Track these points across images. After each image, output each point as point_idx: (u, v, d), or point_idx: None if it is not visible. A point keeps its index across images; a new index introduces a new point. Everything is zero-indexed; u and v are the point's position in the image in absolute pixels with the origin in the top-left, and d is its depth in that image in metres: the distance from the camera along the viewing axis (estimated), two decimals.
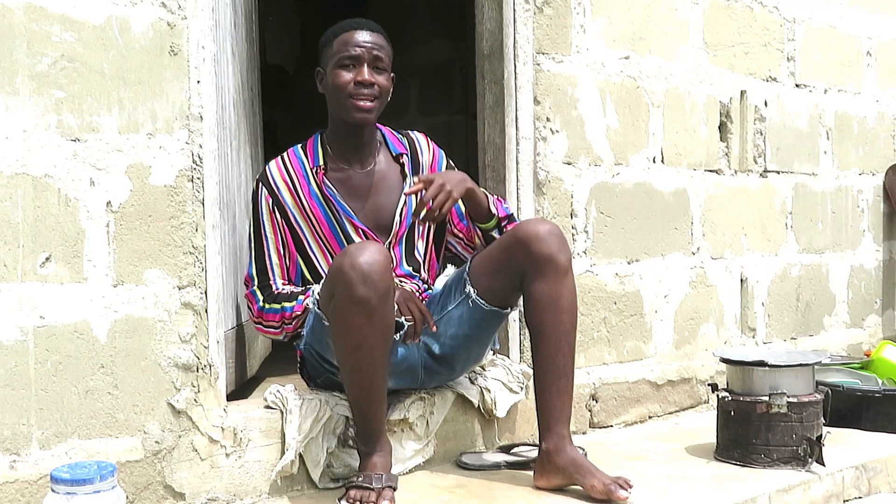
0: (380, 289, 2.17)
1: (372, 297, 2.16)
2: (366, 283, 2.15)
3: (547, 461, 2.40)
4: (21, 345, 2.05)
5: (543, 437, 2.42)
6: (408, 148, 2.67)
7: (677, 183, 3.50)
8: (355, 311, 2.17)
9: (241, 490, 2.35)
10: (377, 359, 2.25)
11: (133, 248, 2.20)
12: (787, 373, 2.67)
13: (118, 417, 2.18)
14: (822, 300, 4.16)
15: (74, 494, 1.79)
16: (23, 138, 2.05)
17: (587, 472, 2.33)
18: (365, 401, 2.31)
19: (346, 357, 2.26)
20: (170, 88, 2.26)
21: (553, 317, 2.40)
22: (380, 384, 2.30)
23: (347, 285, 2.15)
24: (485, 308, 2.50)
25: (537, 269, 2.39)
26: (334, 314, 2.23)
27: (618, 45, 3.30)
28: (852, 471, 2.69)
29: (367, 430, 2.34)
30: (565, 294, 2.41)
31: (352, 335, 2.20)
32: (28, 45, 2.06)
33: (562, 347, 2.42)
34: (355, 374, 2.28)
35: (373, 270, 2.16)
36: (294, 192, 2.56)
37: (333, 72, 2.51)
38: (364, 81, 2.47)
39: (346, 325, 2.20)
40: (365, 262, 2.16)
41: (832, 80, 4.17)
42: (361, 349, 2.22)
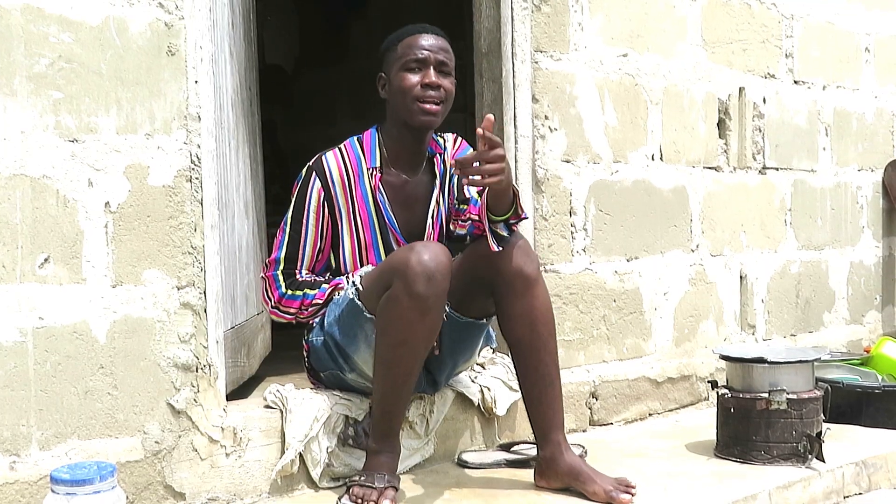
0: (439, 289, 2.19)
1: (431, 295, 2.17)
2: (429, 282, 2.16)
3: (546, 468, 2.42)
4: (20, 346, 2.05)
5: (540, 446, 2.43)
6: (443, 147, 2.66)
7: (676, 180, 3.50)
8: (411, 307, 2.18)
9: (242, 490, 2.35)
10: (418, 358, 2.27)
11: (132, 249, 2.20)
12: (786, 369, 2.67)
13: (118, 418, 2.18)
14: (822, 297, 4.16)
15: (74, 495, 1.79)
16: (21, 139, 2.05)
17: (587, 478, 2.34)
18: (392, 398, 2.31)
19: (387, 351, 2.26)
20: (167, 89, 2.26)
21: (529, 330, 2.39)
22: (410, 384, 2.31)
23: (410, 280, 2.16)
24: (461, 321, 2.49)
25: (504, 285, 2.38)
26: (387, 306, 2.22)
27: (616, 43, 3.30)
28: (852, 467, 2.69)
29: (383, 429, 2.33)
30: (538, 305, 2.39)
31: (400, 330, 2.21)
32: (26, 46, 2.06)
33: (543, 358, 2.41)
34: (392, 370, 2.27)
35: (438, 270, 2.17)
36: (348, 189, 2.54)
37: (399, 75, 2.48)
38: (431, 83, 2.46)
39: (398, 319, 2.20)
40: (431, 260, 2.17)
41: (831, 77, 4.17)
42: (407, 345, 2.23)
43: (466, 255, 2.48)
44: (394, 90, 2.51)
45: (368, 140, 2.59)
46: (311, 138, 6.21)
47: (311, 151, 2.76)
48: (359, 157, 2.56)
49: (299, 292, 2.50)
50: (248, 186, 2.95)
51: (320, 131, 6.20)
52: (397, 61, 2.50)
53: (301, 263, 2.54)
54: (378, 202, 2.54)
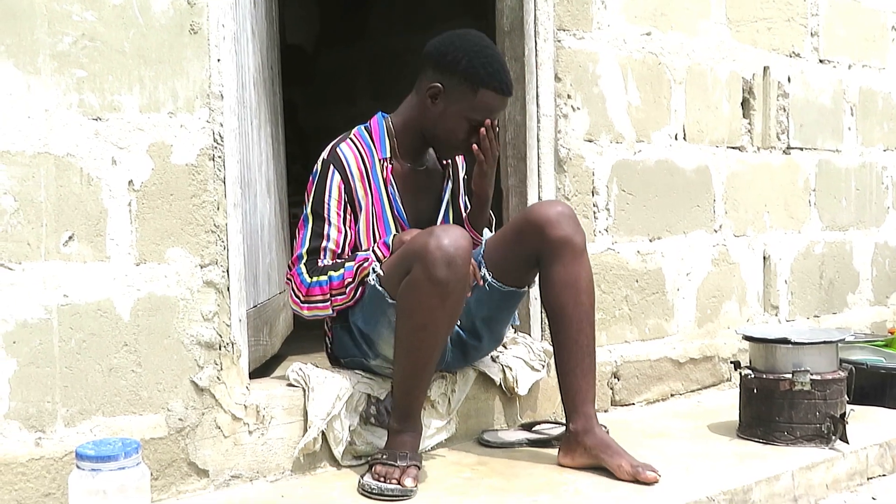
0: (460, 273, 2.19)
1: (451, 279, 2.17)
2: (449, 266, 2.16)
3: (574, 441, 2.41)
4: (45, 323, 2.06)
5: (570, 419, 2.42)
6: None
7: (699, 160, 3.48)
8: (432, 292, 2.18)
9: (264, 467, 2.37)
10: (439, 342, 2.28)
11: (155, 227, 2.21)
12: (810, 350, 2.65)
13: (142, 395, 2.19)
14: (846, 278, 4.13)
15: (99, 471, 1.80)
16: (45, 118, 2.05)
17: (615, 453, 2.34)
18: (413, 380, 2.32)
19: (408, 335, 2.27)
20: (190, 67, 2.26)
21: (573, 298, 2.40)
22: (432, 367, 2.33)
23: (430, 264, 2.16)
24: (502, 290, 2.50)
25: (553, 253, 2.39)
26: (408, 291, 2.23)
27: (639, 22, 3.27)
28: (876, 448, 2.68)
29: (405, 409, 2.34)
30: (583, 275, 2.42)
31: (421, 314, 2.21)
32: (49, 25, 2.06)
33: (583, 328, 2.42)
34: (413, 353, 2.29)
35: (458, 255, 2.18)
36: (366, 181, 2.50)
37: (459, 119, 2.45)
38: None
39: (418, 304, 2.21)
40: (451, 244, 2.17)
41: (856, 56, 4.12)
42: (427, 329, 2.23)
43: (514, 223, 2.49)
44: (444, 120, 2.47)
45: (377, 129, 2.55)
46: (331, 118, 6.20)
47: (331, 131, 2.76)
48: (370, 148, 2.53)
49: (323, 277, 2.42)
50: (271, 166, 2.95)
51: (340, 111, 6.19)
52: (467, 102, 2.43)
53: (325, 256, 2.46)
54: (390, 195, 2.53)
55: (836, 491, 2.54)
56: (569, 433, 2.43)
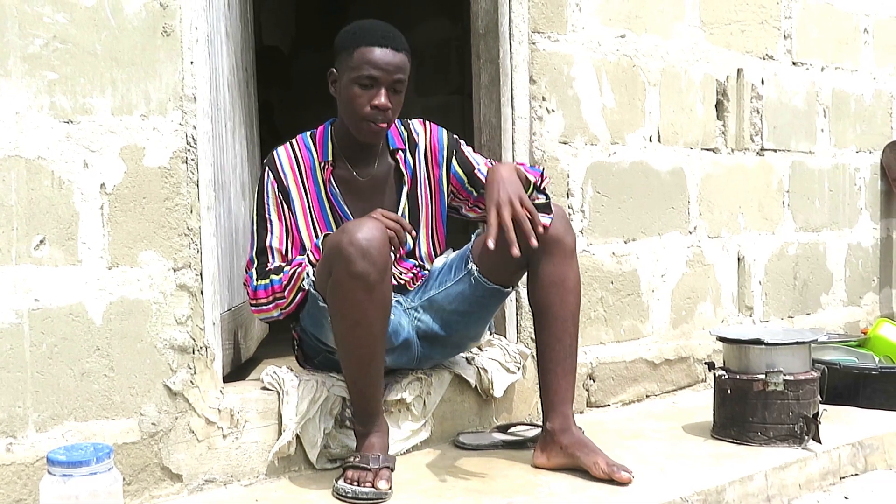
0: (379, 264, 2.17)
1: (371, 271, 2.16)
2: (365, 258, 2.15)
3: (550, 440, 2.42)
4: (16, 327, 2.05)
5: (548, 417, 2.43)
6: (406, 141, 2.61)
7: (674, 162, 3.49)
8: (355, 287, 2.17)
9: (239, 471, 2.36)
10: (376, 335, 2.26)
11: (127, 230, 2.19)
12: (783, 351, 2.67)
13: (114, 399, 2.18)
14: (820, 278, 4.16)
15: (71, 476, 1.79)
16: (15, 120, 2.04)
17: (591, 452, 2.35)
18: (363, 380, 2.31)
19: (344, 335, 2.26)
20: (163, 69, 2.25)
21: (560, 297, 2.41)
22: (378, 362, 2.31)
23: (346, 261, 2.15)
24: (486, 286, 2.49)
25: (544, 251, 2.38)
26: (333, 291, 2.23)
27: (614, 24, 3.28)
28: (849, 448, 2.69)
29: (364, 410, 2.34)
30: (571, 276, 2.42)
31: (351, 312, 2.20)
32: (20, 27, 2.04)
33: (568, 328, 2.43)
34: (354, 352, 2.28)
35: (371, 246, 2.16)
36: (300, 181, 2.53)
37: (350, 87, 2.43)
38: (380, 106, 2.40)
39: (345, 302, 2.20)
40: (363, 237, 2.16)
41: (829, 58, 4.15)
42: (361, 325, 2.22)
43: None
44: (343, 98, 2.46)
45: (321, 134, 2.57)
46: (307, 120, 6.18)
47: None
48: (310, 151, 2.55)
49: (265, 280, 2.44)
50: (245, 168, 2.94)
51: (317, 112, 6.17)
52: (350, 70, 2.42)
53: (272, 257, 2.49)
54: (330, 196, 2.53)
55: (809, 490, 2.56)
56: (545, 432, 2.44)
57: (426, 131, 2.65)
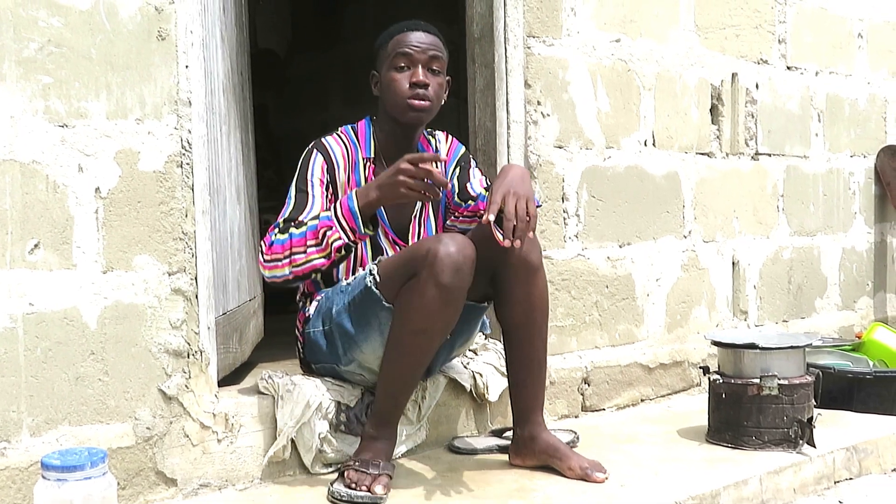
0: (465, 282, 2.21)
1: (456, 287, 2.19)
2: (456, 273, 2.18)
3: (523, 446, 2.47)
4: (10, 332, 2.04)
5: (519, 425, 2.48)
6: (434, 148, 2.67)
7: (669, 166, 3.50)
8: (436, 297, 2.18)
9: (233, 475, 2.35)
10: (434, 347, 2.30)
11: (122, 235, 2.19)
12: (778, 355, 2.67)
13: (109, 404, 2.18)
14: (814, 283, 4.17)
15: (65, 481, 1.79)
16: (10, 124, 2.04)
17: (563, 456, 2.40)
18: (401, 384, 2.33)
19: (405, 338, 2.26)
20: (158, 73, 2.25)
21: (526, 316, 2.43)
22: (420, 374, 2.35)
23: (438, 270, 2.17)
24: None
25: (509, 269, 2.40)
26: (410, 294, 2.22)
27: (608, 28, 3.28)
28: (843, 452, 2.70)
29: (385, 415, 2.34)
30: (537, 293, 2.43)
31: (422, 318, 2.22)
32: (14, 31, 2.04)
33: (535, 343, 2.46)
34: (406, 357, 2.29)
35: (465, 263, 2.20)
36: (347, 174, 2.53)
37: (388, 74, 2.48)
38: (419, 82, 2.44)
39: (421, 308, 2.20)
40: (458, 252, 2.19)
41: (824, 63, 4.16)
42: (426, 333, 2.24)
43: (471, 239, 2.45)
44: (384, 88, 2.51)
45: (363, 130, 2.59)
46: (303, 123, 6.19)
47: (303, 136, 2.75)
48: (355, 146, 2.56)
49: (284, 235, 2.35)
50: (240, 172, 2.94)
51: (313, 116, 6.18)
52: (387, 59, 2.49)
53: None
54: None
55: (804, 495, 2.56)
56: (517, 436, 2.49)
57: (447, 142, 2.71)
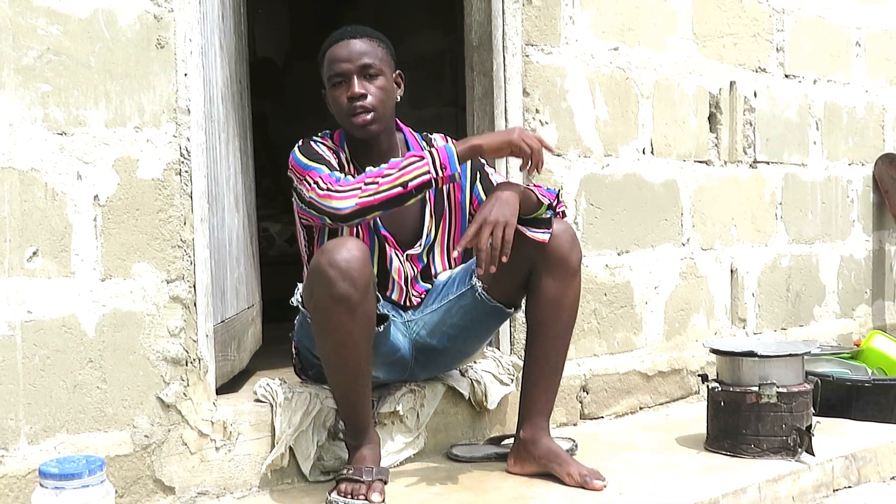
0: (360, 284, 2.15)
1: (353, 293, 2.14)
2: (345, 280, 2.13)
3: (523, 449, 2.45)
4: (9, 339, 2.04)
5: (521, 426, 2.46)
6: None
7: (667, 174, 3.50)
8: (337, 309, 2.15)
9: (231, 483, 2.35)
10: (361, 354, 2.24)
11: (121, 242, 2.19)
12: (776, 363, 2.67)
13: (107, 412, 2.17)
14: (813, 290, 4.17)
15: (63, 489, 1.79)
16: (9, 132, 2.04)
17: (563, 462, 2.39)
18: (351, 396, 2.30)
19: (330, 355, 2.25)
20: (157, 81, 2.25)
21: (554, 315, 2.42)
22: (365, 379, 2.29)
23: (327, 283, 2.14)
24: (489, 303, 2.48)
25: (547, 267, 2.39)
26: (315, 313, 2.21)
27: (607, 37, 3.29)
28: (842, 460, 2.70)
29: (354, 424, 2.33)
30: (570, 294, 2.43)
31: (335, 333, 2.19)
32: (13, 39, 2.05)
33: (557, 345, 2.45)
34: (340, 371, 2.27)
35: (351, 266, 2.14)
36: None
37: (330, 92, 2.47)
38: (354, 95, 2.40)
39: (329, 324, 2.19)
40: (343, 258, 2.14)
41: (821, 71, 4.17)
42: (346, 346, 2.21)
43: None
44: (331, 107, 2.49)
45: (338, 139, 2.55)
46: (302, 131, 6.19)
47: None
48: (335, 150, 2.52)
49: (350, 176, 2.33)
50: (239, 180, 2.94)
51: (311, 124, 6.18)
52: (327, 79, 2.48)
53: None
54: None
55: (803, 503, 2.56)
56: (518, 440, 2.47)
57: None
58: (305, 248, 2.57)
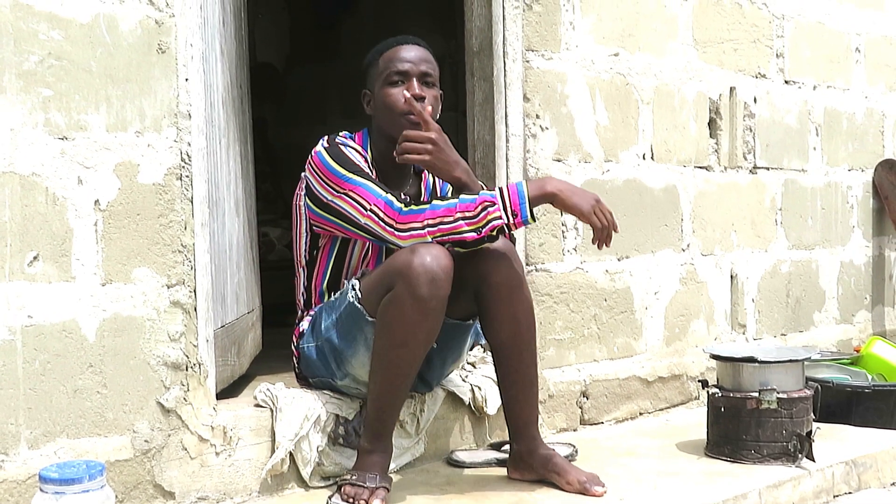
0: (442, 292, 2.18)
1: (433, 297, 2.17)
2: (432, 283, 2.16)
3: (521, 461, 2.46)
4: (9, 344, 2.04)
5: (515, 440, 2.47)
6: None
7: (667, 179, 3.50)
8: (414, 309, 2.17)
9: (232, 489, 2.35)
10: (417, 359, 2.27)
11: (121, 247, 2.19)
12: (776, 369, 2.67)
13: (107, 416, 2.17)
14: (812, 296, 4.17)
15: (63, 494, 1.78)
16: (10, 137, 2.04)
17: (562, 470, 2.39)
18: (389, 398, 2.30)
19: (387, 352, 2.25)
20: (158, 86, 2.25)
21: (512, 334, 2.41)
22: (407, 386, 2.31)
23: (413, 282, 2.15)
24: (447, 322, 2.40)
25: (489, 290, 2.38)
26: (389, 308, 2.21)
27: (607, 42, 3.30)
28: (842, 466, 2.70)
29: (377, 428, 2.32)
30: (521, 310, 2.41)
31: (402, 331, 2.20)
32: (15, 43, 2.05)
33: (524, 359, 2.45)
34: (391, 371, 2.26)
35: (441, 272, 2.17)
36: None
37: (383, 91, 2.45)
38: (416, 95, 2.41)
39: (400, 321, 2.19)
40: (433, 262, 2.17)
41: (821, 77, 4.17)
42: (407, 346, 2.22)
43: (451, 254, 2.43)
44: (379, 106, 2.48)
45: (360, 140, 2.55)
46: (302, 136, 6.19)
47: (302, 149, 2.75)
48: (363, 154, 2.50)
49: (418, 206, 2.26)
50: (239, 185, 2.94)
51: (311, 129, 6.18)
52: (380, 76, 2.47)
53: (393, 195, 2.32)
54: None
55: None
56: (514, 451, 2.48)
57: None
58: (306, 252, 2.56)
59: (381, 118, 2.50)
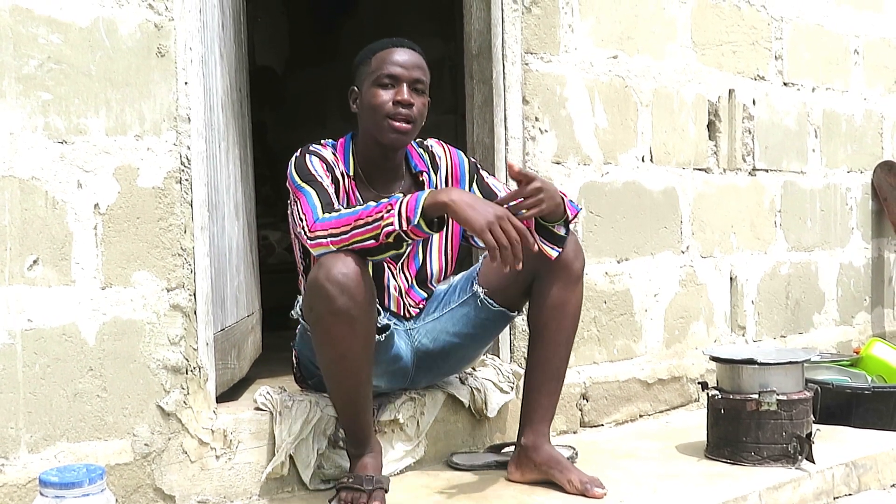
0: (359, 298, 2.14)
1: (352, 307, 2.13)
2: (344, 294, 2.11)
3: (524, 456, 2.45)
4: (9, 348, 2.04)
5: (523, 433, 2.46)
6: (428, 163, 2.57)
7: (666, 182, 3.51)
8: (337, 323, 2.14)
9: (232, 492, 2.35)
10: (362, 367, 2.24)
11: (121, 251, 2.19)
12: (776, 370, 2.67)
13: (107, 420, 2.17)
14: (812, 298, 4.17)
15: (63, 498, 1.78)
16: (9, 141, 2.04)
17: (564, 469, 2.39)
18: (353, 407, 2.30)
19: (330, 367, 2.25)
20: (157, 90, 2.25)
21: (557, 321, 2.42)
22: (365, 390, 2.29)
23: (326, 298, 2.12)
24: (492, 308, 2.49)
25: (550, 273, 2.39)
26: (315, 326, 2.20)
27: (606, 45, 3.30)
28: (842, 468, 2.69)
29: (355, 434, 2.33)
30: (572, 300, 2.43)
31: (335, 346, 2.18)
32: (14, 47, 2.05)
33: (559, 351, 2.45)
34: (341, 384, 2.26)
35: (349, 281, 2.12)
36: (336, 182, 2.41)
37: (370, 90, 2.41)
38: (403, 101, 2.37)
39: (329, 337, 2.18)
40: (340, 273, 2.11)
41: (820, 79, 4.18)
42: (346, 359, 2.20)
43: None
44: (364, 105, 2.44)
45: (342, 147, 2.51)
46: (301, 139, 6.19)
47: None
48: (338, 159, 2.48)
49: (330, 214, 2.21)
50: (239, 188, 2.94)
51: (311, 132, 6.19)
52: (370, 76, 2.42)
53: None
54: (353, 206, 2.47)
55: None
56: (519, 447, 2.47)
57: (446, 154, 2.62)
58: (301, 258, 2.56)
59: (364, 117, 2.46)
